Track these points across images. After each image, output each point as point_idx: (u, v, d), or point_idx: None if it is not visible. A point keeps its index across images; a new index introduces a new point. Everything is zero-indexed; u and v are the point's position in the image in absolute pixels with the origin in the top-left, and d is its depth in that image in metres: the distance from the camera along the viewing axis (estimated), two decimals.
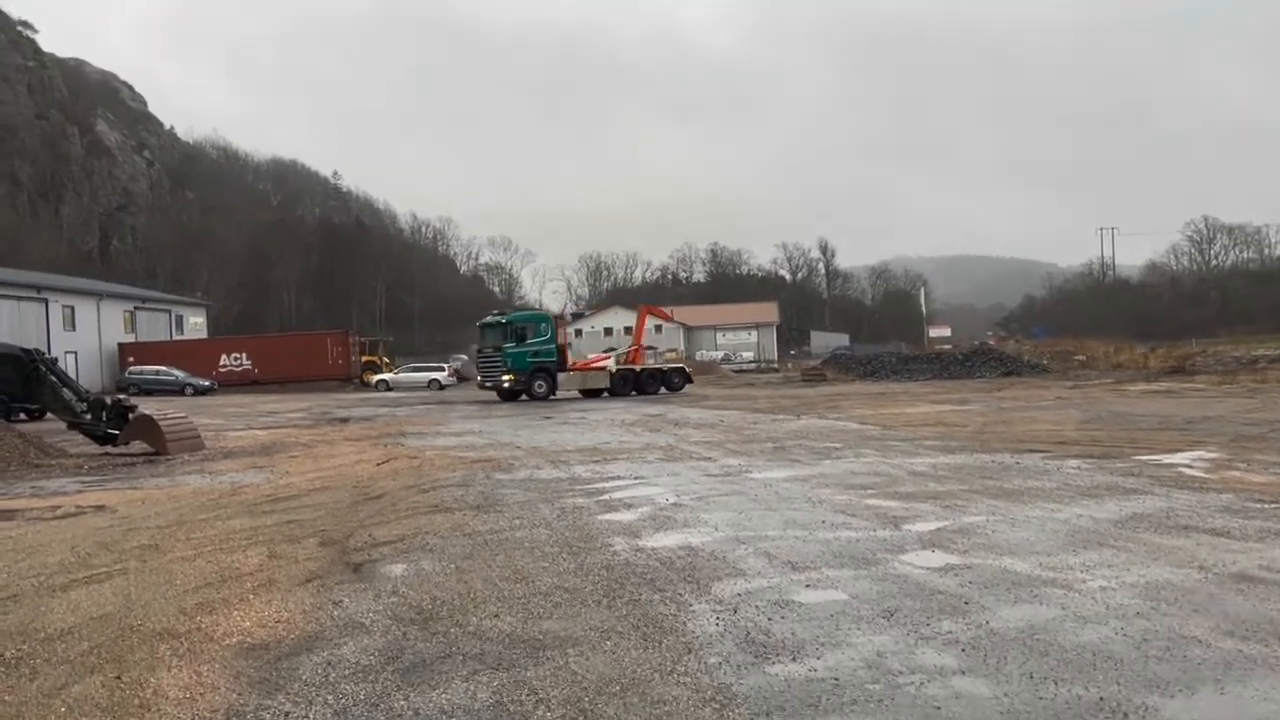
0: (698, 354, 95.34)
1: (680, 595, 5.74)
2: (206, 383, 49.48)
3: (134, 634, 5.29)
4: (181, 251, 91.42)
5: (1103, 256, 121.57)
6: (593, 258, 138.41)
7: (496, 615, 5.43)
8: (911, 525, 7.79)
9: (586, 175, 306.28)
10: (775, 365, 77.50)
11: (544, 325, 35.50)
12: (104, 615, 5.69)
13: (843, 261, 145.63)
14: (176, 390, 47.00)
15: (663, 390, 36.28)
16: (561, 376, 34.76)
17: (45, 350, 19.59)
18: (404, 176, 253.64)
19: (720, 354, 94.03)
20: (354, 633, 5.21)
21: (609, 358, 38.57)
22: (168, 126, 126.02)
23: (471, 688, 4.27)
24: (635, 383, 35.89)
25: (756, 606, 5.42)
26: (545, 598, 5.78)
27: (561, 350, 35.24)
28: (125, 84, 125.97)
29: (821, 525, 7.89)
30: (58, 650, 5.04)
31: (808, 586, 5.86)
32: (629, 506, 9.24)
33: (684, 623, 5.17)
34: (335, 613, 5.62)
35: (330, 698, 4.23)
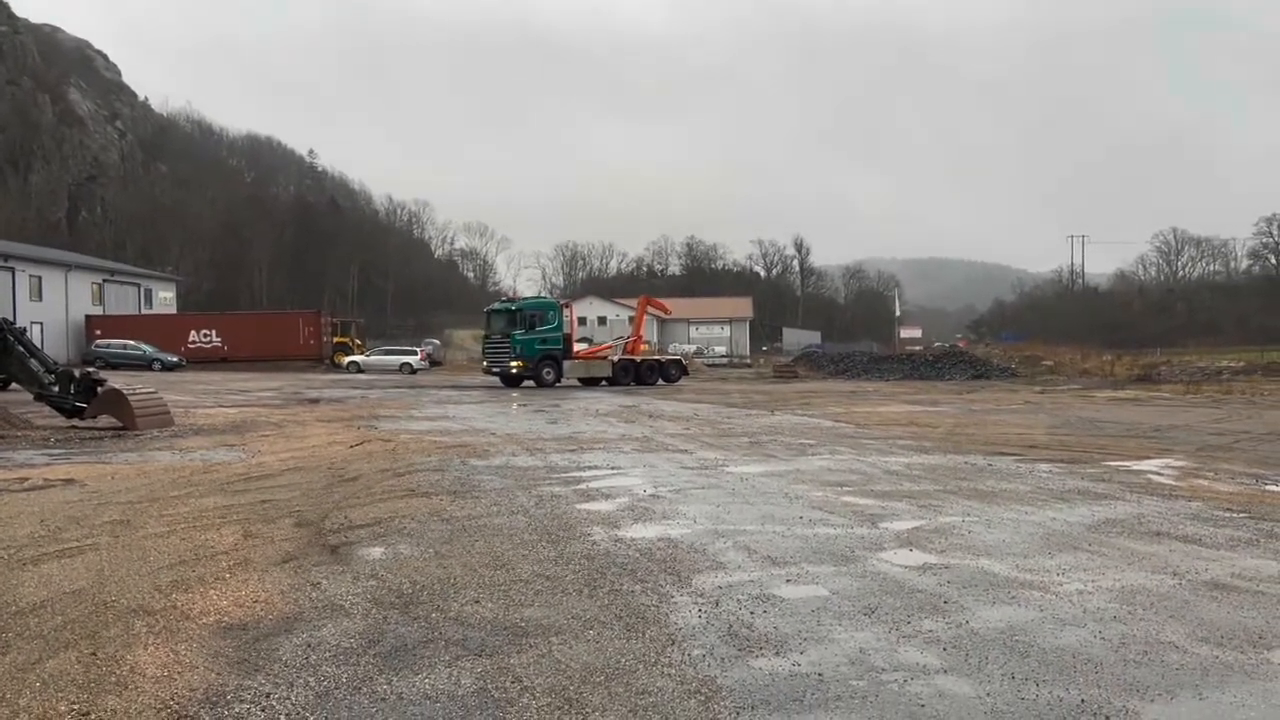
0: (670, 347, 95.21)
1: (661, 586, 5.74)
2: (175, 358, 48.87)
3: (108, 610, 5.21)
4: (152, 225, 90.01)
5: (1072, 264, 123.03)
6: (568, 247, 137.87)
7: (477, 601, 5.41)
8: (889, 524, 7.84)
9: (558, 165, 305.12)
10: (748, 360, 77.77)
11: (552, 313, 35.72)
12: (77, 590, 5.60)
13: (817, 260, 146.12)
14: (144, 365, 46.39)
15: (660, 381, 36.46)
16: (567, 364, 35.08)
17: (12, 320, 19.19)
18: (381, 159, 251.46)
19: (693, 347, 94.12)
20: (333, 615, 5.16)
21: (612, 347, 38.89)
22: (142, 98, 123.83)
23: (454, 673, 4.25)
24: (636, 373, 36.15)
25: (738, 600, 5.43)
26: (526, 585, 5.76)
27: (567, 339, 35.62)
28: (99, 52, 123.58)
29: (799, 521, 7.93)
30: (30, 624, 4.95)
31: (788, 581, 5.88)
32: (607, 496, 9.23)
33: (666, 614, 5.17)
34: (313, 594, 5.57)
35: (311, 679, 4.19)
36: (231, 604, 5.36)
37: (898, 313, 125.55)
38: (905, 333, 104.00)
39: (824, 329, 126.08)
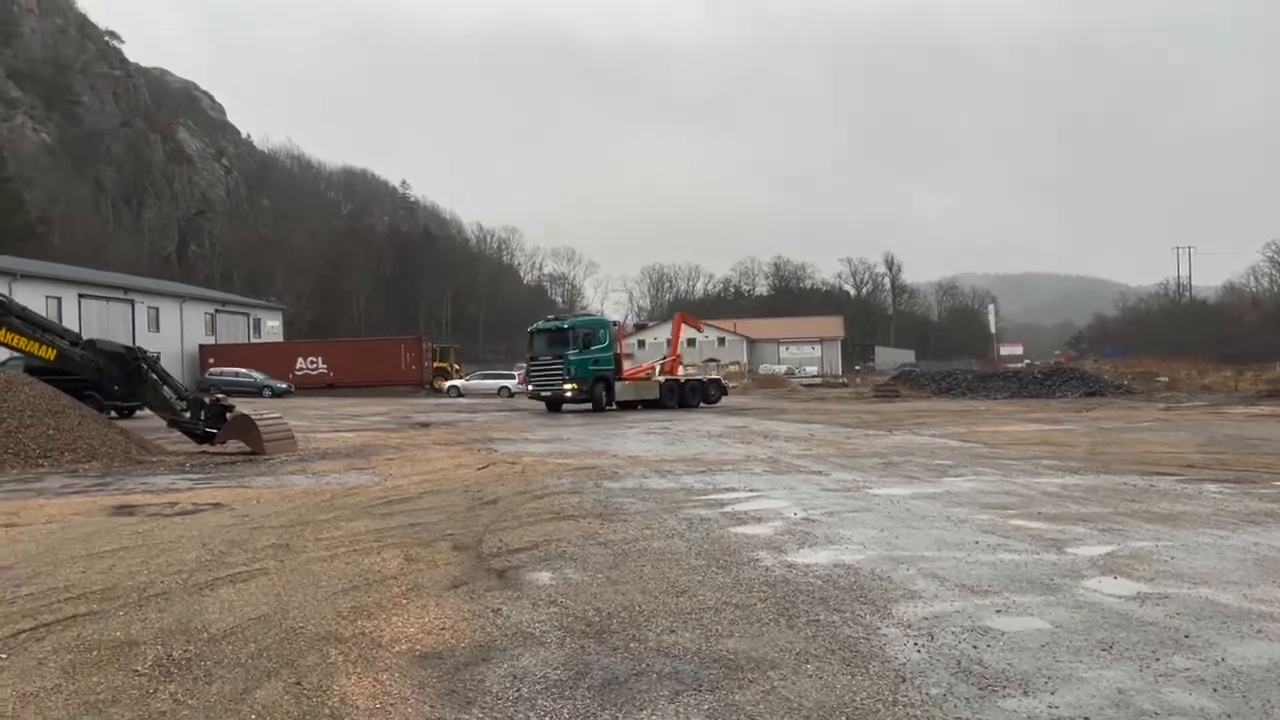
0: (760, 367, 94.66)
1: (861, 617, 5.38)
2: (284, 385, 50.17)
3: (299, 637, 5.10)
4: (257, 257, 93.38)
5: (1178, 276, 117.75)
6: (655, 269, 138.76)
7: (672, 630, 5.13)
8: (1075, 549, 7.32)
9: (646, 189, 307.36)
10: (844, 380, 76.51)
11: (604, 332, 33.99)
12: (261, 616, 5.51)
13: (907, 277, 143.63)
14: (255, 392, 47.64)
15: (701, 403, 35.06)
16: (618, 386, 33.41)
17: (145, 350, 19.81)
18: (471, 187, 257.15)
19: (783, 367, 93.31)
20: (527, 644, 4.95)
21: (654, 367, 37.48)
22: (245, 135, 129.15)
23: (680, 710, 3.97)
24: (680, 394, 34.65)
25: (953, 633, 5.04)
26: (717, 614, 5.46)
27: (618, 359, 34.15)
28: (205, 93, 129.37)
29: (976, 546, 7.46)
30: (226, 652, 4.86)
31: (999, 612, 5.45)
32: (758, 520, 8.89)
33: (880, 647, 4.81)
34: (499, 622, 5.37)
35: (530, 714, 3.96)
36: (419, 631, 5.20)
37: (993, 329, 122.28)
38: (1006, 349, 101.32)
39: (917, 347, 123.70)
